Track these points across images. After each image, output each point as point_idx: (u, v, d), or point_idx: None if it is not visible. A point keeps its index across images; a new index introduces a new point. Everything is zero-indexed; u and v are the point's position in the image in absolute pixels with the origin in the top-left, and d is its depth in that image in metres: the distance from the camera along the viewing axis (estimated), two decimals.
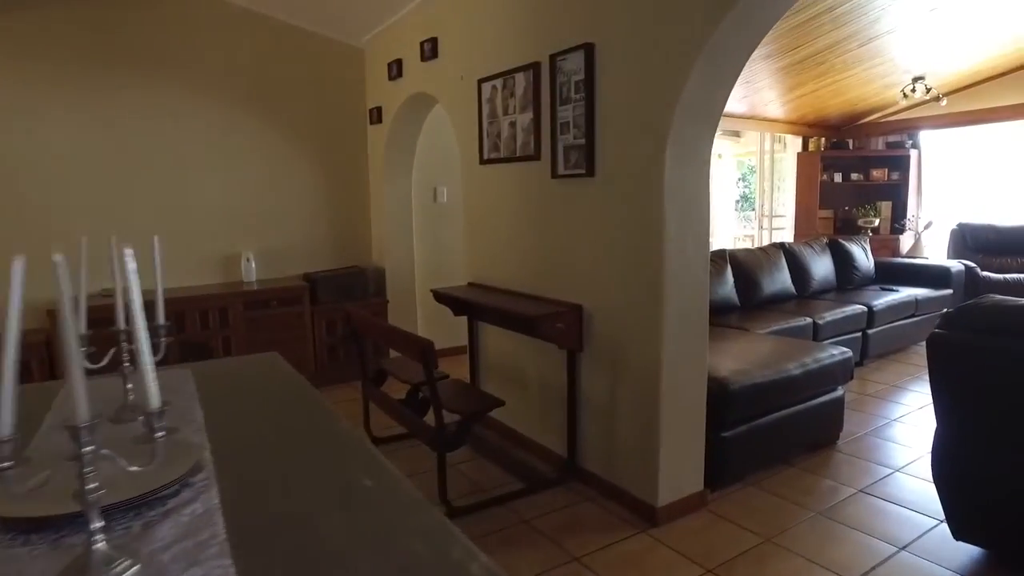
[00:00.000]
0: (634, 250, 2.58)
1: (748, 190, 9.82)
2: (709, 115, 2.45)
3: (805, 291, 5.16)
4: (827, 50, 5.50)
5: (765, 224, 8.10)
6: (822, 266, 5.35)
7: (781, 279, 4.95)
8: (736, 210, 10.33)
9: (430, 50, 3.98)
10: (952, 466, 2.23)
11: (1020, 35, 5.89)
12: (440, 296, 3.57)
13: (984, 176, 7.50)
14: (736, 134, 8.97)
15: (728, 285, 4.54)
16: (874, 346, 4.87)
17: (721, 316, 4.35)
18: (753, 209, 9.06)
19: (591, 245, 2.82)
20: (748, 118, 7.40)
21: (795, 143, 8.22)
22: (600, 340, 2.81)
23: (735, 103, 6.77)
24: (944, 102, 6.95)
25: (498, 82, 3.33)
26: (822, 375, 3.17)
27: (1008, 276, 6.20)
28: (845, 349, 3.33)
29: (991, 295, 2.15)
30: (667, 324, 2.49)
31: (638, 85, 2.48)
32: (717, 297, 4.43)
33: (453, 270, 5.22)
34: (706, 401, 2.71)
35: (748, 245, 8.56)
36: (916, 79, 6.65)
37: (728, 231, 10.27)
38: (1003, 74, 6.95)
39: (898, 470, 3.08)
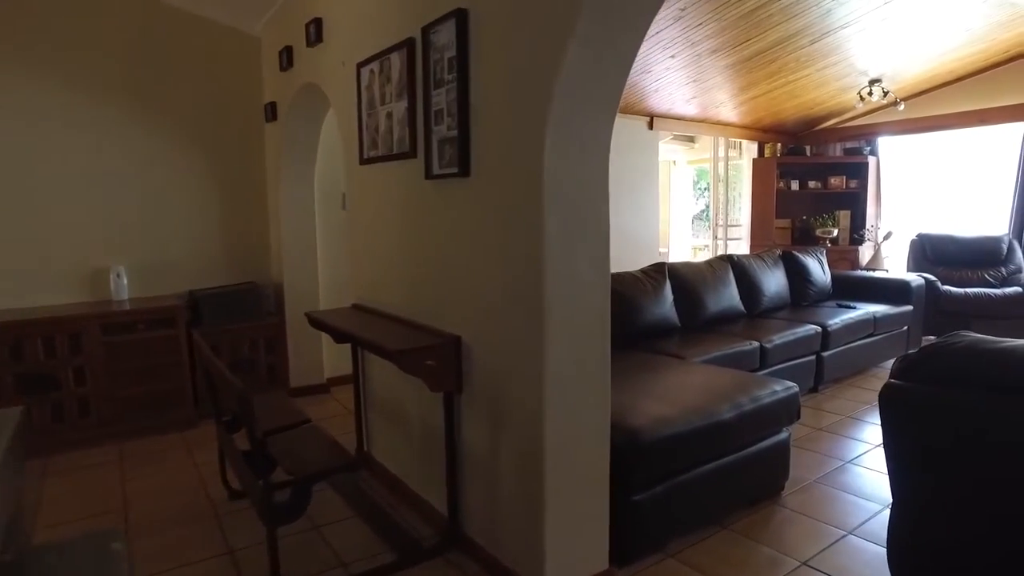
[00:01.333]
0: (512, 269, 2.03)
1: (708, 198, 9.39)
2: (605, 99, 1.91)
3: (755, 309, 4.67)
4: (778, 46, 5.06)
5: (720, 234, 7.65)
6: (774, 281, 4.87)
7: (728, 296, 4.45)
8: (702, 219, 9.92)
9: (315, 33, 3.40)
10: (911, 552, 1.71)
11: (976, 37, 5.54)
12: (313, 321, 2.98)
13: (943, 184, 7.16)
14: (691, 139, 8.54)
15: (667, 304, 4.02)
16: (829, 370, 4.39)
17: (656, 340, 3.82)
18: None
19: (468, 262, 2.26)
20: (700, 121, 6.95)
21: (751, 149, 7.81)
22: (481, 380, 2.25)
23: (685, 104, 6.32)
24: (902, 107, 6.60)
25: (375, 65, 2.76)
26: (762, 418, 2.65)
27: (969, 291, 5.81)
28: (790, 384, 2.82)
29: (962, 333, 1.64)
30: (550, 363, 1.93)
31: (515, 59, 1.94)
32: (653, 318, 3.91)
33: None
34: (610, 457, 2.16)
35: (708, 257, 8.11)
36: (873, 82, 6.27)
37: (686, 242, 9.84)
38: (960, 79, 6.64)
39: (851, 532, 2.56)
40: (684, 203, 9.74)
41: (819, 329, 4.27)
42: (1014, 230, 6.44)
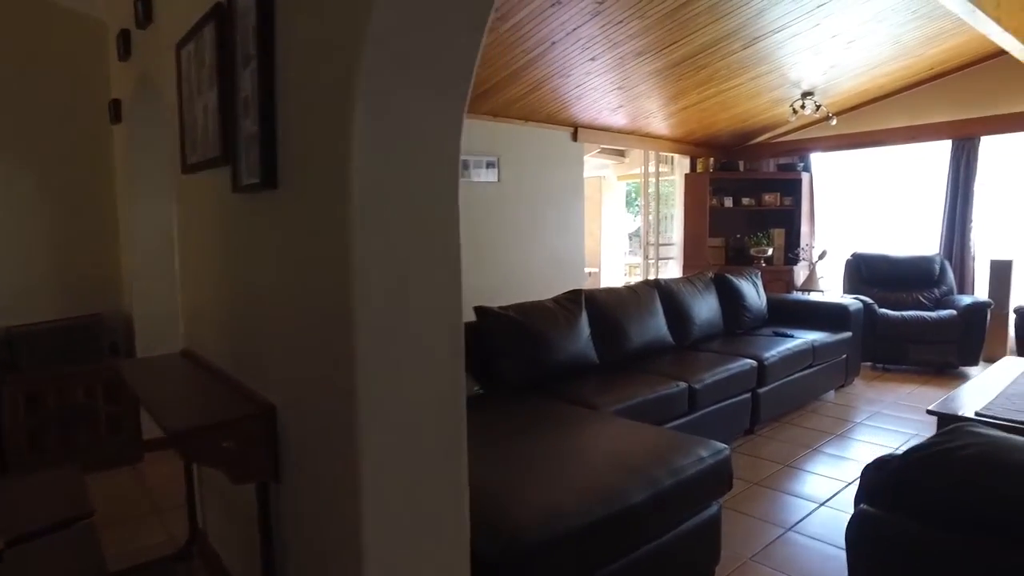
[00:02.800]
0: (321, 313, 1.42)
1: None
2: (446, 78, 1.33)
3: (686, 339, 4.19)
4: (708, 50, 4.65)
5: (652, 253, 7.23)
6: (706, 307, 4.41)
7: (655, 326, 3.95)
8: (639, 236, 9.50)
9: (144, 12, 2.74)
10: None
11: (905, 51, 5.31)
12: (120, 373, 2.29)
13: (876, 202, 6.95)
14: (621, 153, 8.13)
15: (582, 338, 3.48)
16: (766, 408, 3.94)
17: (569, 383, 3.26)
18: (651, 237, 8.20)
19: (277, 302, 1.65)
20: (629, 133, 6.52)
21: (684, 164, 7.45)
22: (303, 464, 1.62)
23: (611, 114, 5.86)
24: (834, 121, 6.33)
25: (192, 45, 2.13)
26: (685, 495, 2.11)
27: (906, 314, 5.51)
28: (719, 448, 2.29)
29: (964, 427, 1.12)
30: (368, 447, 1.31)
31: (321, 21, 1.35)
32: (566, 355, 3.36)
33: None
34: (475, 572, 1.56)
35: (640, 278, 7.68)
36: (805, 95, 5.97)
37: (621, 261, 9.42)
38: (890, 94, 6.45)
39: None
40: (618, 220, 9.34)
41: (755, 363, 3.81)
42: (944, 250, 6.23)
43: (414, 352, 1.36)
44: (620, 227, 9.40)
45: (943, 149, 6.24)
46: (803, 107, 5.96)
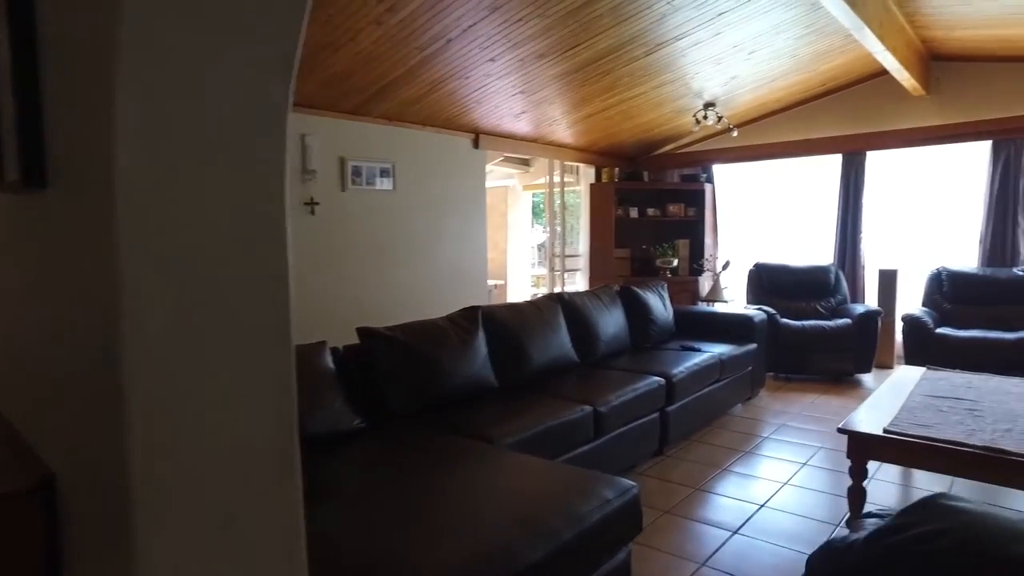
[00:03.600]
0: (82, 354, 1.03)
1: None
2: (265, 32, 0.99)
3: (591, 356, 3.98)
4: (612, 55, 4.49)
5: (558, 265, 7.05)
6: (612, 322, 4.22)
7: (558, 343, 3.70)
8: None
9: None
10: None
11: (801, 65, 5.40)
12: None
13: (776, 213, 7.08)
14: (526, 163, 7.94)
15: (479, 359, 3.17)
16: (675, 426, 3.76)
17: (463, 411, 2.94)
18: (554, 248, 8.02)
19: (39, 338, 1.24)
20: (533, 141, 6.31)
21: (589, 174, 7.33)
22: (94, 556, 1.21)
23: (514, 120, 5.63)
24: (735, 133, 6.38)
25: None
26: (590, 544, 1.83)
27: (806, 323, 5.57)
28: (626, 487, 2.04)
29: (934, 501, 0.88)
30: (146, 551, 0.95)
31: None
32: (461, 380, 3.04)
33: None
34: None
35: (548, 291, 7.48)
36: (707, 105, 5.97)
37: (528, 273, 9.23)
38: (787, 108, 6.59)
39: None
40: (525, 232, 9.15)
41: (663, 381, 3.63)
42: (838, 260, 6.40)
43: (217, 403, 0.99)
44: (527, 239, 9.21)
45: (836, 162, 6.41)
46: (705, 117, 5.95)
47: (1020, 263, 5.53)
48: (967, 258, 5.87)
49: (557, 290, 7.01)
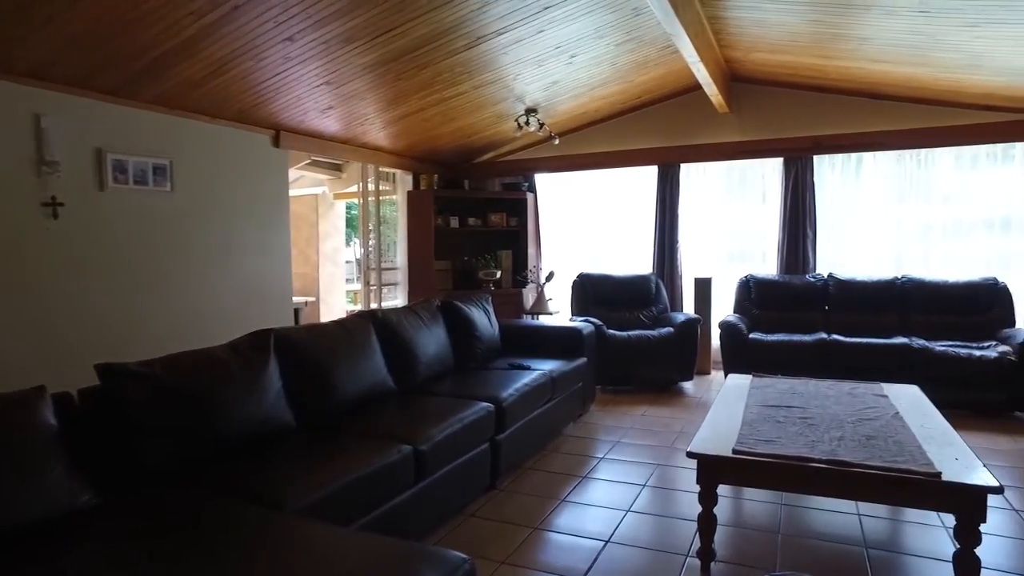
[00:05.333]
0: None
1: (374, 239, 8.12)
2: None
3: (411, 381, 3.47)
4: (429, 45, 4.05)
5: (374, 280, 6.45)
6: (434, 341, 3.75)
7: (372, 369, 3.15)
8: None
9: None
10: None
11: (620, 75, 5.40)
12: None
13: (599, 223, 7.09)
14: (337, 168, 7.26)
15: (270, 396, 2.53)
16: (508, 456, 3.37)
17: (247, 463, 2.28)
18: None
19: None
20: (344, 142, 5.70)
21: (407, 182, 6.84)
22: None
23: (321, 117, 4.98)
24: (557, 141, 6.27)
25: None
26: None
27: (631, 334, 5.51)
28: (458, 561, 1.56)
29: None
30: None
31: None
32: (245, 423, 2.38)
33: None
34: None
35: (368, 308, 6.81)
36: (529, 111, 5.76)
37: (343, 291, 8.47)
38: (606, 119, 6.62)
39: None
40: (339, 244, 8.40)
41: (493, 407, 3.21)
42: (657, 269, 6.51)
43: None
44: (342, 252, 8.47)
45: (653, 174, 6.53)
46: (527, 123, 5.74)
47: (811, 271, 5.94)
48: (770, 266, 6.22)
49: (374, 306, 6.41)
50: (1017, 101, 5.10)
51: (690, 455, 2.41)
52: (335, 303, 8.21)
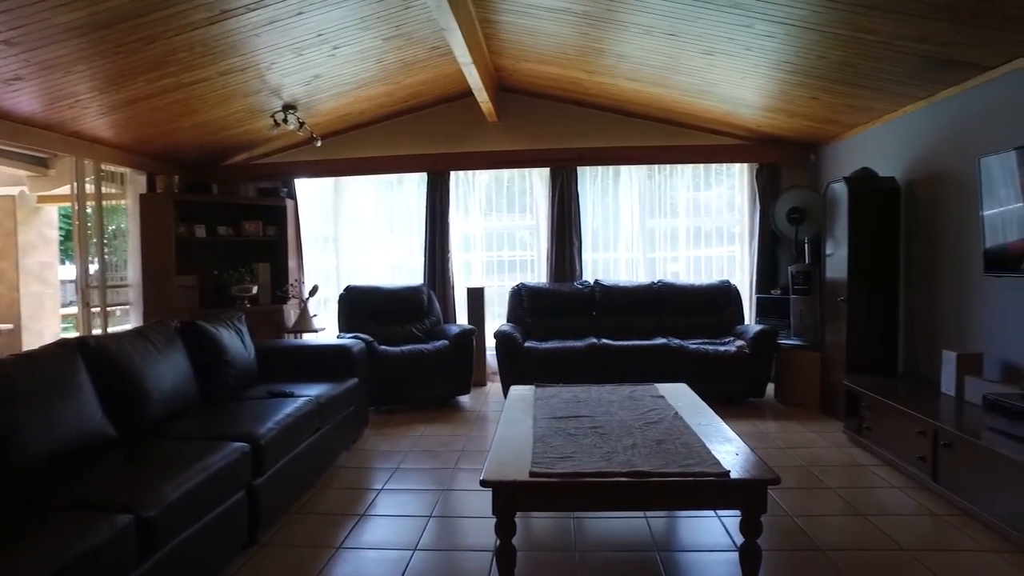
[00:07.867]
0: None
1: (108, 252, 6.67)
2: None
3: (139, 424, 2.76)
4: (155, 14, 3.36)
5: (97, 299, 5.31)
6: (170, 371, 3.05)
7: (78, 415, 2.41)
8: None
9: None
10: None
11: (387, 75, 5.12)
12: None
13: (367, 232, 6.66)
14: (42, 163, 5.90)
15: None
16: (270, 501, 2.82)
17: None
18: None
19: None
20: (47, 128, 4.58)
21: (140, 183, 5.77)
22: None
23: (7, 90, 3.91)
24: (319, 142, 5.74)
25: None
26: None
27: (404, 348, 5.19)
28: None
29: None
30: None
31: None
32: None
33: None
34: None
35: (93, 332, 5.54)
36: (288, 107, 5.18)
37: (56, 316, 6.93)
38: (372, 122, 6.27)
39: None
40: (50, 257, 6.88)
41: (248, 447, 2.66)
42: (428, 280, 6.28)
43: None
44: (54, 268, 6.95)
45: (423, 181, 6.30)
46: (285, 121, 5.15)
47: (578, 278, 6.15)
48: (541, 275, 6.33)
49: (98, 332, 5.27)
50: (735, 127, 5.79)
51: (484, 484, 2.15)
52: (45, 331, 6.69)
